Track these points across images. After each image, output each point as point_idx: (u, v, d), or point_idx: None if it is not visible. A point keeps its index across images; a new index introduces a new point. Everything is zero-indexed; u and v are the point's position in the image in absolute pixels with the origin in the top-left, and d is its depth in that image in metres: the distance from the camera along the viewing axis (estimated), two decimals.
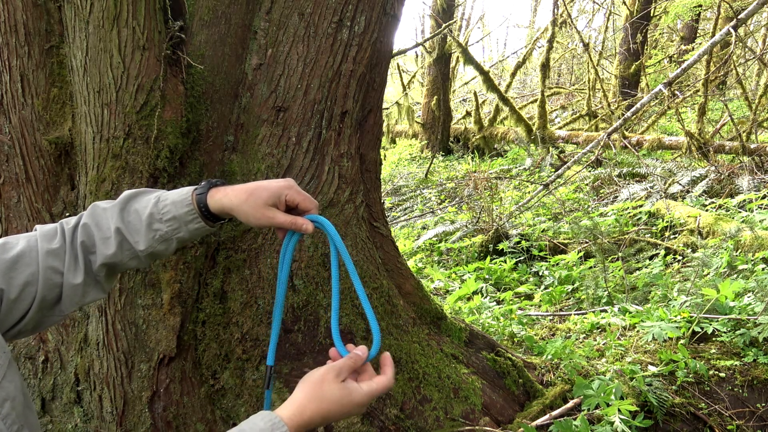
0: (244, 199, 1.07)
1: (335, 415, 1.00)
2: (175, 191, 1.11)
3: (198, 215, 1.09)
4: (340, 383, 1.01)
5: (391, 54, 2.05)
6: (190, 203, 1.08)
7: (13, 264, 1.01)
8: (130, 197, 1.12)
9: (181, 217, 1.08)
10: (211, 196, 1.09)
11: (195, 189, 1.11)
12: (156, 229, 1.08)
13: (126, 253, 1.09)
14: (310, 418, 0.98)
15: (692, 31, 11.48)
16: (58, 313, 1.08)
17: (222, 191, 1.09)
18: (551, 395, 2.03)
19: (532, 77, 16.92)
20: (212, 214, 1.10)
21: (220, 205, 1.09)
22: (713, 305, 2.49)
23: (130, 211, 1.10)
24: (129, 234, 1.08)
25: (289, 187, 1.10)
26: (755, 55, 6.89)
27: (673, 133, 8.01)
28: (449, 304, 3.24)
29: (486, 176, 7.04)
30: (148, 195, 1.12)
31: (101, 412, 1.77)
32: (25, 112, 1.70)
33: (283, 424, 0.94)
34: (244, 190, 1.08)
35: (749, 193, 4.59)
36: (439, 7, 9.78)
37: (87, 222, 1.09)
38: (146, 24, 1.55)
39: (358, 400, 1.01)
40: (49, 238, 1.07)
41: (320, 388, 1.00)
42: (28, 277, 1.02)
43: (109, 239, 1.08)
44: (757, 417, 2.07)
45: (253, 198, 1.07)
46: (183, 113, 1.66)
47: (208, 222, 1.11)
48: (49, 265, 1.04)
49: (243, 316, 1.77)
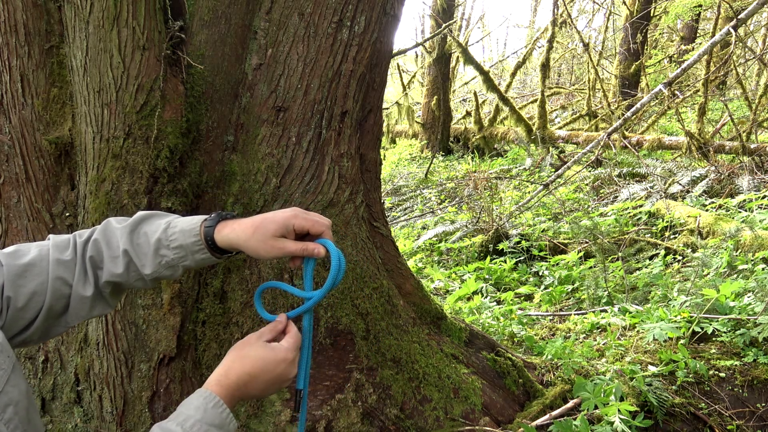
0: (250, 234, 1.06)
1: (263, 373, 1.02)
2: (186, 219, 1.12)
3: (204, 247, 1.09)
4: (261, 342, 1.05)
5: (391, 54, 2.05)
6: (197, 234, 1.09)
7: (23, 272, 1.02)
8: (142, 219, 1.12)
9: (188, 246, 1.08)
10: (218, 230, 1.09)
11: (204, 220, 1.11)
12: (163, 255, 1.09)
13: (132, 274, 1.10)
14: (237, 378, 1.01)
15: (692, 31, 11.48)
16: (64, 324, 1.09)
17: (230, 226, 1.09)
18: (551, 395, 2.03)
19: (532, 77, 16.92)
20: (219, 247, 1.10)
21: (227, 241, 1.08)
22: (713, 305, 2.48)
23: (140, 234, 1.10)
24: (136, 257, 1.09)
25: (295, 216, 1.10)
26: (755, 55, 6.89)
27: (673, 133, 8.01)
28: (449, 304, 3.24)
29: (486, 176, 7.04)
30: (160, 219, 1.13)
31: (101, 412, 1.77)
32: (25, 112, 1.70)
33: (212, 394, 0.98)
34: (251, 224, 1.08)
35: (749, 193, 4.59)
36: (439, 7, 9.78)
37: (98, 238, 1.10)
38: (146, 24, 1.55)
39: (282, 356, 1.04)
40: (62, 249, 1.08)
41: (242, 350, 1.04)
42: (36, 287, 1.02)
43: (117, 259, 1.08)
44: (757, 417, 2.07)
45: (260, 232, 1.06)
46: (183, 113, 1.66)
47: (214, 254, 1.11)
48: (59, 275, 1.05)
49: (243, 316, 1.77)
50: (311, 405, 1.76)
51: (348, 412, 1.76)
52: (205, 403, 0.97)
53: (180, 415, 0.96)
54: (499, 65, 16.73)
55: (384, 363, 1.84)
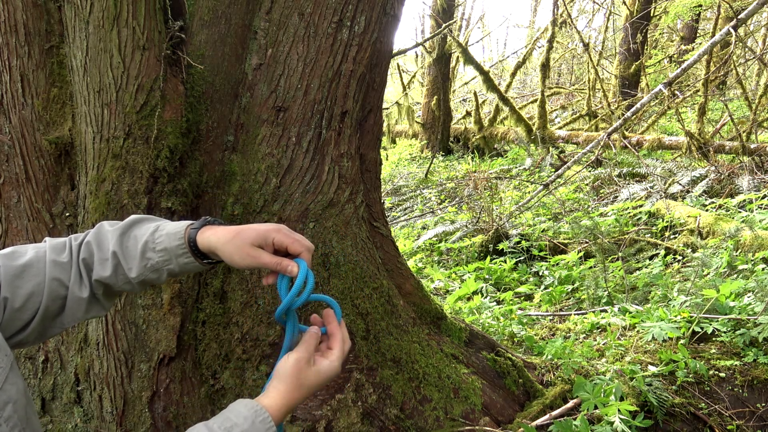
0: (230, 238, 1.05)
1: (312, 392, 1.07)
2: (174, 223, 1.11)
3: (188, 251, 1.08)
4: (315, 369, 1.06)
5: (391, 54, 2.05)
6: (182, 237, 1.08)
7: (20, 273, 1.02)
8: (133, 222, 1.13)
9: (172, 249, 1.08)
10: (201, 232, 1.08)
11: (191, 224, 1.10)
12: (148, 258, 1.08)
13: (120, 277, 1.10)
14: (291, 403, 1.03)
15: (692, 31, 11.48)
16: (59, 326, 1.09)
17: (212, 230, 1.08)
18: (551, 395, 2.03)
19: (532, 77, 16.92)
20: (202, 252, 1.09)
21: (207, 243, 1.07)
22: (713, 305, 2.48)
23: (129, 237, 1.11)
24: (124, 260, 1.09)
25: (278, 230, 1.08)
26: (755, 55, 6.89)
27: (673, 133, 8.01)
28: (449, 304, 3.24)
29: (486, 176, 7.04)
30: (150, 223, 1.13)
31: (101, 412, 1.77)
32: (25, 112, 1.70)
33: (262, 408, 0.98)
34: (233, 230, 1.07)
35: (749, 193, 4.59)
36: (439, 7, 9.78)
37: (90, 240, 1.11)
38: (146, 24, 1.55)
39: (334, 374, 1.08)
40: (58, 251, 1.09)
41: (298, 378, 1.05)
42: (33, 288, 1.03)
43: (107, 261, 1.09)
44: (757, 417, 2.07)
45: (239, 238, 1.05)
46: (183, 113, 1.66)
47: (197, 259, 1.10)
48: (56, 276, 1.06)
49: (243, 316, 1.77)
50: (311, 405, 1.76)
51: (348, 412, 1.76)
52: (254, 415, 0.96)
53: (227, 420, 0.95)
54: (499, 65, 16.73)
55: (384, 363, 1.84)
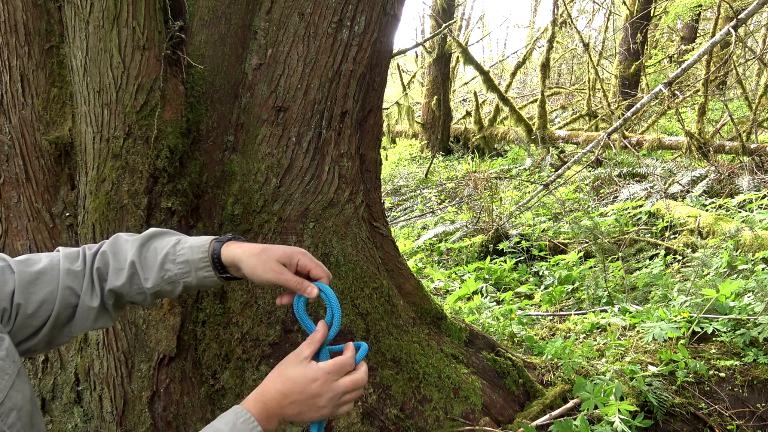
0: (256, 252, 1.08)
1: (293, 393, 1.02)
2: (198, 237, 1.14)
3: (209, 264, 1.10)
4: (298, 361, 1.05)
5: (391, 54, 2.05)
6: (205, 251, 1.11)
7: (34, 280, 1.03)
8: (153, 234, 1.15)
9: (193, 262, 1.10)
10: (227, 245, 1.11)
11: (216, 238, 1.13)
12: (167, 269, 1.10)
13: (134, 287, 1.11)
14: (272, 397, 1.02)
15: (692, 31, 11.48)
16: (67, 334, 1.11)
17: (237, 244, 1.11)
18: (551, 395, 2.03)
19: (532, 77, 16.92)
20: (223, 266, 1.11)
21: (231, 255, 1.10)
22: (713, 305, 2.48)
23: (149, 248, 1.12)
24: (141, 269, 1.10)
25: (303, 254, 1.12)
26: (755, 55, 6.89)
27: (673, 133, 8.01)
28: (449, 304, 3.24)
29: (486, 176, 7.04)
30: (171, 236, 1.15)
31: (101, 412, 1.77)
32: (25, 112, 1.70)
33: (244, 410, 0.99)
34: (259, 246, 1.11)
35: (749, 193, 4.59)
36: (439, 7, 9.78)
37: (106, 250, 1.12)
38: (146, 24, 1.55)
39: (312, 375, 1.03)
40: (72, 259, 1.10)
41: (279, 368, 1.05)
42: (46, 295, 1.04)
43: (122, 271, 1.10)
44: (757, 417, 2.07)
45: (266, 253, 1.08)
46: (183, 113, 1.66)
47: (216, 272, 1.12)
48: (68, 285, 1.07)
49: (243, 316, 1.77)
50: None
51: (348, 412, 1.76)
52: (235, 418, 0.98)
53: (210, 427, 0.97)
54: (499, 65, 16.73)
55: (384, 363, 1.84)
